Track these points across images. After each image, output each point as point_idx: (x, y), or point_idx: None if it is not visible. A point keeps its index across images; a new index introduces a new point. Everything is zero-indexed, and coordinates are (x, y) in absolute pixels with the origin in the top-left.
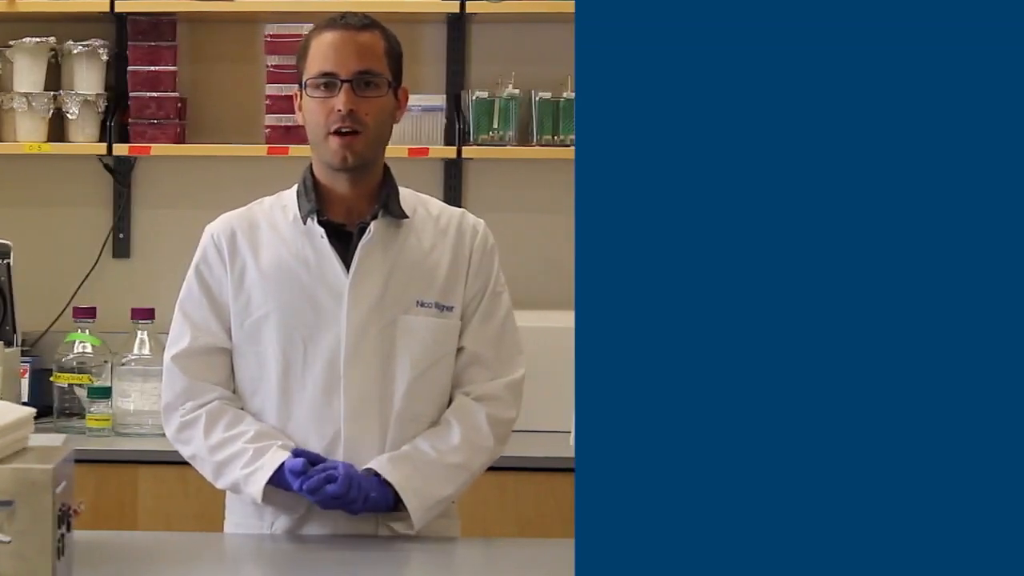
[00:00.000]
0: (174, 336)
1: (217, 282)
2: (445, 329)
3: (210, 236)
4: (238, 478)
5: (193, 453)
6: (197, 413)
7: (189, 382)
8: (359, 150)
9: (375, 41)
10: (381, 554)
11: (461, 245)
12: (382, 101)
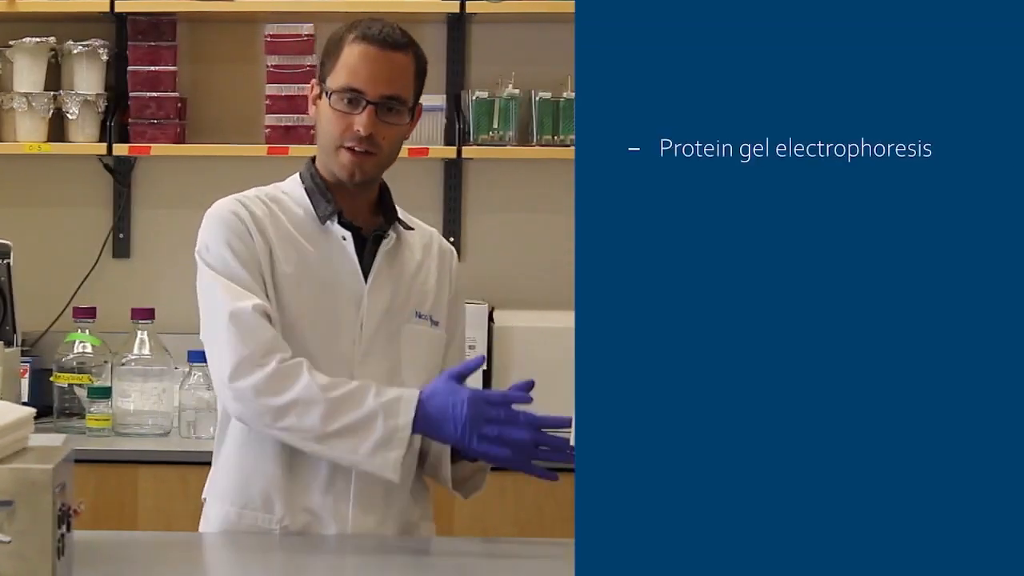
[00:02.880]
0: (235, 293)
1: (253, 257)
2: (439, 341)
3: (231, 213)
4: (373, 408)
5: (294, 398)
6: (296, 361)
7: (275, 334)
8: (369, 170)
9: (407, 63)
10: (381, 554)
11: (443, 265)
12: (401, 128)
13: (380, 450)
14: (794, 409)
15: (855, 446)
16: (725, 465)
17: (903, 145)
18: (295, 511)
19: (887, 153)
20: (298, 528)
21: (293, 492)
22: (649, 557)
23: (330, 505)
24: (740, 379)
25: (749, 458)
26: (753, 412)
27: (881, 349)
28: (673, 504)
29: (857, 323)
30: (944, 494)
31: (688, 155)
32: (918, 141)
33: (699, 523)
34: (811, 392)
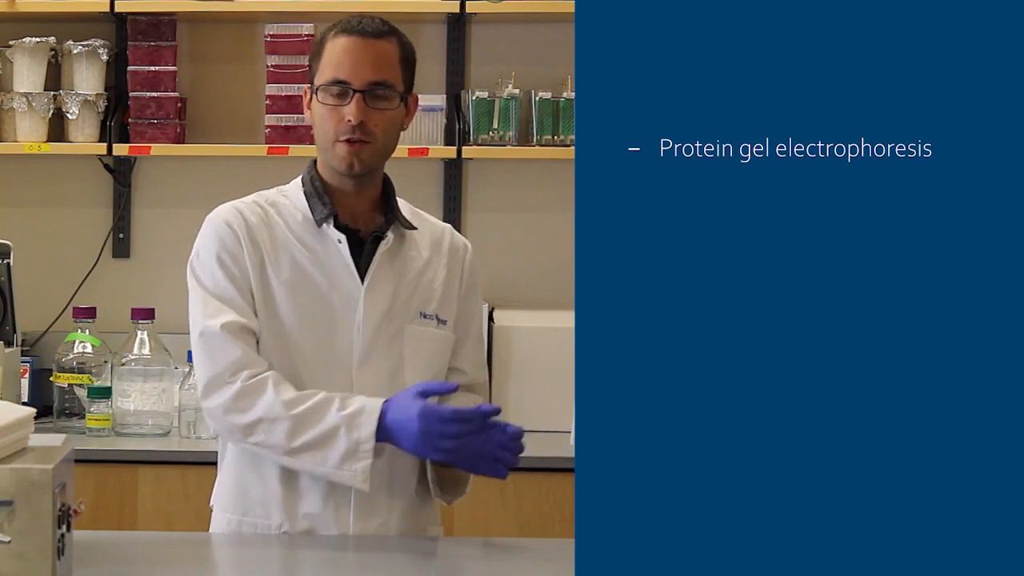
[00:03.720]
0: (211, 310)
1: (242, 271)
2: (445, 341)
3: (225, 224)
4: (336, 423)
5: (259, 416)
6: (261, 378)
7: (244, 351)
8: (366, 159)
9: (391, 50)
10: (381, 554)
11: (454, 261)
12: (393, 113)
13: (346, 462)
14: (794, 409)
15: (854, 446)
16: (725, 465)
17: (903, 145)
18: (295, 518)
19: (887, 153)
20: (299, 533)
21: (292, 500)
22: (649, 557)
23: (331, 512)
24: (740, 379)
25: (749, 458)
26: (753, 412)
27: (881, 348)
28: (673, 504)
29: (857, 323)
30: (943, 493)
31: (688, 155)
32: (918, 141)
33: (699, 523)
34: (811, 391)
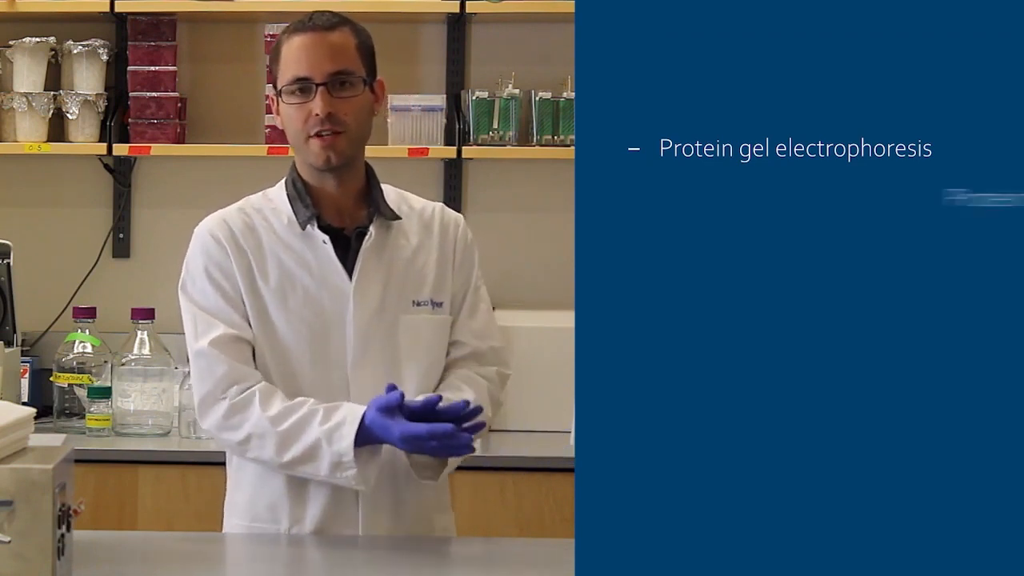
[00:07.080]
0: (201, 328)
1: (231, 281)
2: (441, 325)
3: (210, 236)
4: (317, 437)
5: (249, 433)
6: (248, 393)
7: (232, 365)
8: (342, 149)
9: (346, 39)
10: (381, 553)
11: (445, 240)
12: (359, 99)
13: (336, 472)
14: (794, 409)
15: (853, 445)
16: (724, 465)
17: (903, 145)
18: (303, 521)
19: (887, 153)
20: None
21: (298, 503)
22: (649, 557)
23: (339, 511)
24: (740, 379)
25: (748, 458)
26: (753, 412)
27: (880, 349)
28: (672, 504)
29: (857, 323)
30: (943, 493)
31: (688, 155)
32: (918, 141)
33: (698, 523)
34: (810, 391)
